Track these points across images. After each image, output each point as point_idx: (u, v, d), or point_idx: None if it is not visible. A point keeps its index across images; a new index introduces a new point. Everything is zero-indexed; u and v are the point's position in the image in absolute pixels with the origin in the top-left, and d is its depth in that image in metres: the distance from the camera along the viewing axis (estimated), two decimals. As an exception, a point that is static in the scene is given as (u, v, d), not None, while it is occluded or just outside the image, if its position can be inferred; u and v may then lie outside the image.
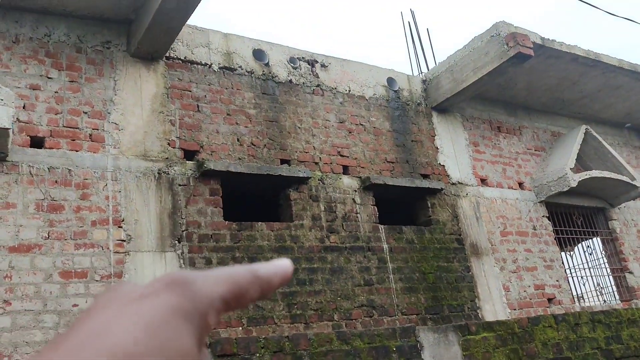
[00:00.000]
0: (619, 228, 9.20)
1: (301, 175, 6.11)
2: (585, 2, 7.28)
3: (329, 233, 6.15)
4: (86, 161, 5.13)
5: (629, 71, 8.42)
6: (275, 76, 6.68)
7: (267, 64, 6.66)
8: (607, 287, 9.07)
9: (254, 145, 6.16)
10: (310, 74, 6.98)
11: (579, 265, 9.03)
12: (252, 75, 6.50)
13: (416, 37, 9.55)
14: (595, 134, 8.88)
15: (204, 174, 5.60)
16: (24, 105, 5.05)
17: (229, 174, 5.69)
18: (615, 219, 9.23)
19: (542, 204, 8.29)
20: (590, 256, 9.26)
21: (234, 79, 6.34)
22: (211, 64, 6.24)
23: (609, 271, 9.10)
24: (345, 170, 6.70)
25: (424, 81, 8.08)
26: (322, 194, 6.31)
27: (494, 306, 6.96)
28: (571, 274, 8.71)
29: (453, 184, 7.53)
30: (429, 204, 7.12)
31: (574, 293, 8.44)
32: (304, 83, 6.87)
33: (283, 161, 6.28)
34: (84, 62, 5.51)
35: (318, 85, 6.98)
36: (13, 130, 4.69)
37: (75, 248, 4.79)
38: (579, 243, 9.34)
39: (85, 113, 5.33)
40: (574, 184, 7.96)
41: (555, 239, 8.22)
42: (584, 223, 8.92)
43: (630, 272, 8.92)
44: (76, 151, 5.14)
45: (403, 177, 7.04)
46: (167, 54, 5.95)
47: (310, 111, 6.76)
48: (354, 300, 5.94)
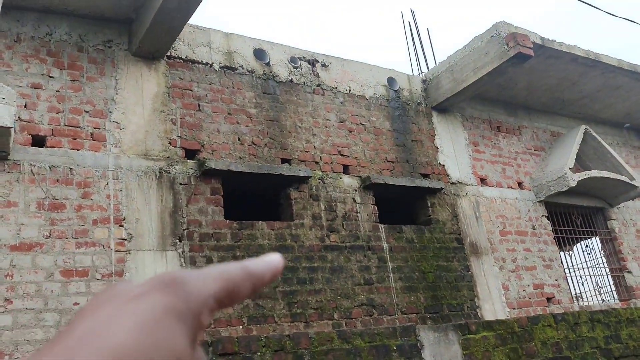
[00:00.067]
0: (618, 228, 9.23)
1: (302, 174, 6.13)
2: (585, 2, 7.30)
3: (329, 232, 6.16)
4: (87, 160, 5.14)
5: (628, 71, 8.44)
6: (276, 76, 6.69)
7: (268, 64, 6.67)
8: (605, 286, 9.10)
9: (255, 145, 6.17)
10: (310, 73, 6.99)
11: (578, 264, 9.06)
12: (253, 74, 6.51)
13: (416, 37, 9.56)
14: (594, 134, 8.90)
15: (205, 173, 5.62)
16: (25, 104, 5.06)
17: (230, 173, 5.70)
18: (614, 219, 9.26)
19: (541, 203, 8.32)
20: (589, 256, 9.29)
21: (235, 78, 6.35)
22: (212, 63, 6.25)
23: (607, 271, 9.13)
24: (346, 169, 6.72)
25: (424, 81, 8.09)
26: (322, 193, 6.33)
27: (493, 305, 6.98)
28: (570, 273, 8.74)
29: (453, 183, 7.55)
30: (429, 204, 7.14)
31: (573, 292, 8.47)
32: (304, 83, 6.88)
33: (284, 160, 6.30)
34: (86, 61, 5.51)
35: (319, 85, 6.99)
36: (15, 129, 4.70)
37: (77, 247, 4.80)
38: (578, 243, 9.36)
39: (87, 112, 5.34)
40: (573, 183, 7.98)
41: (554, 238, 8.24)
42: (583, 223, 8.95)
43: (629, 272, 8.95)
44: (77, 150, 5.14)
45: (403, 177, 7.06)
46: (169, 53, 5.95)
47: (310, 111, 6.77)
48: (354, 299, 5.96)
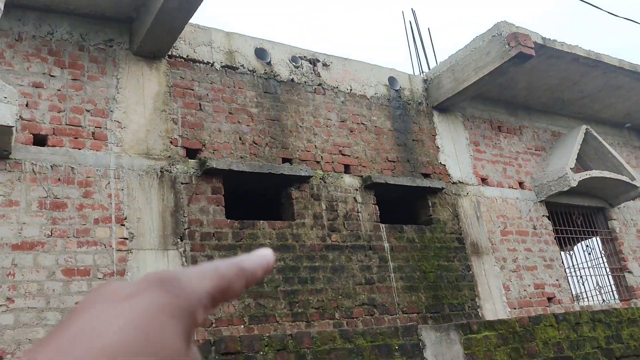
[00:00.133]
0: (619, 228, 9.23)
1: (303, 174, 6.12)
2: (585, 2, 7.30)
3: (330, 232, 6.16)
4: (89, 159, 5.14)
5: (629, 71, 8.44)
6: (277, 75, 6.68)
7: (269, 63, 6.67)
8: (606, 286, 9.10)
9: (256, 144, 6.17)
10: (312, 73, 6.99)
11: (578, 264, 9.06)
12: (254, 74, 6.51)
13: (417, 36, 9.56)
14: (595, 134, 8.91)
15: (206, 173, 5.61)
16: (26, 103, 5.06)
17: (231, 172, 5.70)
18: (614, 219, 9.26)
19: (542, 203, 8.32)
20: (590, 256, 9.29)
21: (236, 77, 6.35)
22: (213, 62, 6.25)
23: (608, 271, 9.13)
24: (347, 169, 6.72)
25: (425, 80, 8.09)
26: (323, 193, 6.33)
27: (494, 305, 6.98)
28: (571, 273, 8.74)
29: (454, 183, 7.55)
30: (430, 203, 7.14)
31: (574, 292, 8.47)
32: (305, 82, 6.87)
33: (285, 160, 6.29)
34: (87, 60, 5.51)
35: (320, 84, 6.99)
36: (16, 128, 4.69)
37: (78, 246, 4.79)
38: (578, 242, 9.37)
39: (88, 111, 5.33)
40: (574, 183, 7.99)
41: (555, 238, 8.24)
42: (583, 223, 8.95)
43: (630, 272, 8.95)
44: (79, 149, 5.14)
45: (404, 176, 7.06)
46: (170, 53, 5.95)
47: (311, 110, 6.77)
48: (355, 298, 5.96)
